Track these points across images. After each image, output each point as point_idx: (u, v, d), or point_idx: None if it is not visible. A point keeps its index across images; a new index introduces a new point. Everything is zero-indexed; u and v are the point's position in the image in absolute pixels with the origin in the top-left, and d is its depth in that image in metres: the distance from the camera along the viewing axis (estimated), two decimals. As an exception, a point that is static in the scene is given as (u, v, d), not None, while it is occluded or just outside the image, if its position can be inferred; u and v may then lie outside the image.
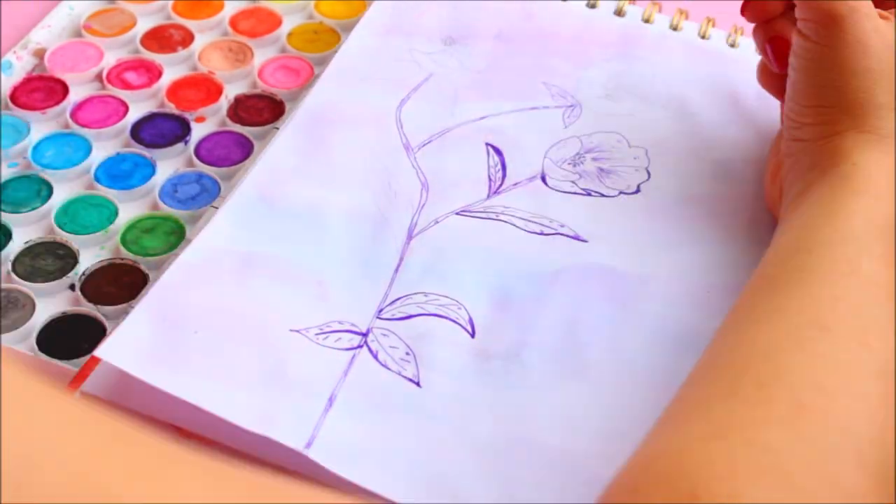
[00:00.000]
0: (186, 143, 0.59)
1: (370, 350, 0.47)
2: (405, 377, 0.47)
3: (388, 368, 0.47)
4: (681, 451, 0.36)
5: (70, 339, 0.50)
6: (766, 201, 0.53)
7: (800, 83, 0.50)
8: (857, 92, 0.48)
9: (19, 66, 0.63)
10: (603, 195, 0.55)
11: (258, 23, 0.66)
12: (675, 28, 0.64)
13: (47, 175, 0.57)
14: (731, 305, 0.50)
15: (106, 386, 0.46)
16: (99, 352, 0.45)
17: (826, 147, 0.48)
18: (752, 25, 0.54)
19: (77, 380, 0.46)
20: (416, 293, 0.50)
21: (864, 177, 0.46)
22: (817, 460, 0.35)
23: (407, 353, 0.47)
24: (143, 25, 0.66)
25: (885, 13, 0.50)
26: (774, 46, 0.53)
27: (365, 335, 0.48)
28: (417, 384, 0.46)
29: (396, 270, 0.51)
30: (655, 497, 0.34)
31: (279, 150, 0.56)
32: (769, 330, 0.41)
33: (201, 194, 0.57)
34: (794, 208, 0.48)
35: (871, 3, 0.49)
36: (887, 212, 0.45)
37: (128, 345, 0.46)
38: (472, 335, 0.48)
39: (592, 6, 0.65)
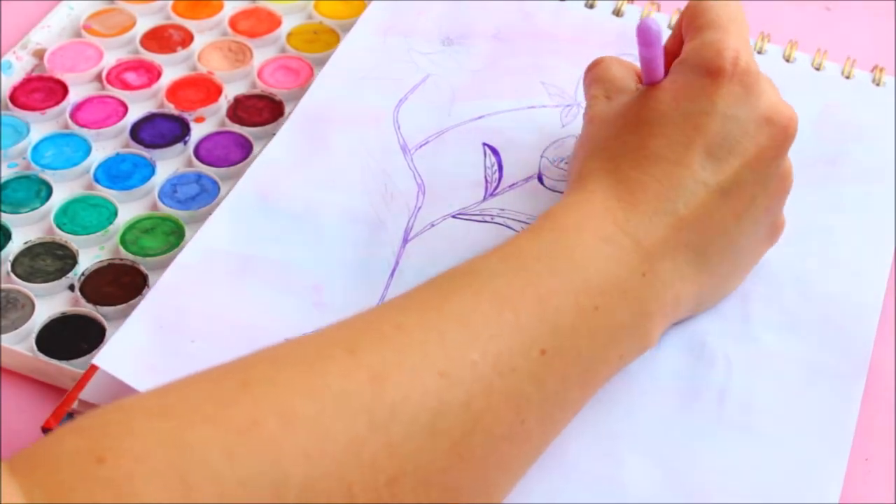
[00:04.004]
0: (186, 143, 0.59)
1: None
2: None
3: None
4: (127, 410, 0.35)
5: (69, 340, 0.51)
6: None
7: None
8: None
9: (19, 66, 0.63)
10: (600, 195, 0.55)
11: (258, 23, 0.67)
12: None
13: (47, 175, 0.57)
14: (725, 305, 0.50)
15: (104, 394, 0.46)
16: (97, 360, 0.46)
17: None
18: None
19: (77, 387, 0.47)
20: (410, 299, 0.50)
21: (540, 219, 0.45)
22: (227, 479, 0.33)
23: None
24: (143, 25, 0.66)
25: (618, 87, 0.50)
26: None
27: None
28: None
29: (392, 275, 0.51)
30: (70, 439, 0.34)
31: (276, 148, 0.56)
32: (310, 337, 0.39)
33: (201, 194, 0.57)
34: None
35: (613, 87, 0.50)
36: (536, 245, 0.43)
37: (125, 353, 0.46)
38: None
39: (591, 6, 0.65)
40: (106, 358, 0.46)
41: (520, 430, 0.39)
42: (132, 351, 0.47)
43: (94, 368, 0.46)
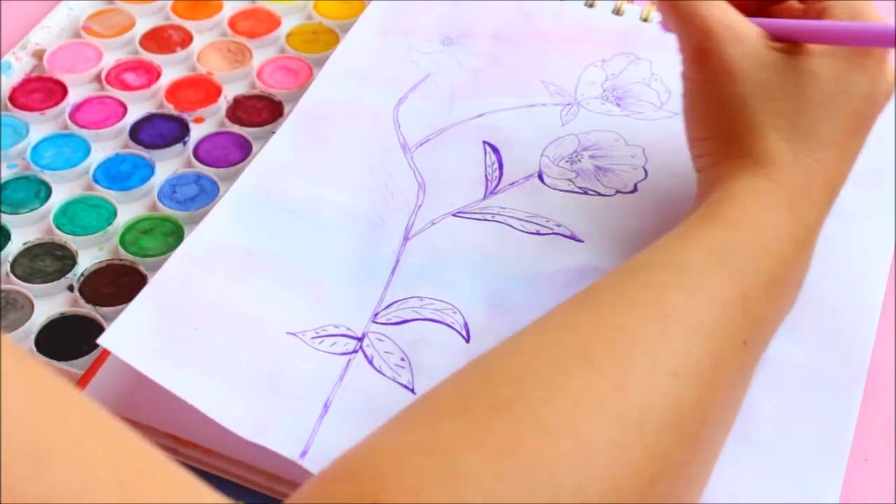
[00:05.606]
0: (185, 143, 0.59)
1: (365, 355, 0.48)
2: (400, 383, 0.47)
3: (383, 374, 0.47)
4: (388, 453, 0.35)
5: (69, 340, 0.50)
6: None
7: (686, 117, 0.49)
8: (727, 120, 0.46)
9: (18, 66, 0.63)
10: (600, 194, 0.55)
11: (257, 23, 0.67)
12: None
13: (46, 176, 0.57)
14: None
15: (104, 394, 0.46)
16: (102, 340, 0.45)
17: (708, 177, 0.48)
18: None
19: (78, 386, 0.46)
20: (411, 297, 0.50)
21: (728, 204, 0.45)
22: (505, 499, 0.33)
23: (402, 359, 0.48)
24: (142, 26, 0.66)
25: (760, 29, 0.47)
26: None
27: (360, 340, 0.48)
28: (412, 391, 0.46)
29: (392, 273, 0.51)
30: (340, 488, 0.34)
31: (276, 146, 0.56)
32: (537, 349, 0.39)
33: (200, 195, 0.57)
34: None
35: (738, 26, 0.46)
36: (737, 238, 0.43)
37: (130, 334, 0.46)
38: (467, 340, 0.48)
39: (590, 5, 0.65)
40: (110, 339, 0.45)
41: (729, 416, 0.42)
42: (136, 334, 0.46)
43: (94, 369, 0.46)
